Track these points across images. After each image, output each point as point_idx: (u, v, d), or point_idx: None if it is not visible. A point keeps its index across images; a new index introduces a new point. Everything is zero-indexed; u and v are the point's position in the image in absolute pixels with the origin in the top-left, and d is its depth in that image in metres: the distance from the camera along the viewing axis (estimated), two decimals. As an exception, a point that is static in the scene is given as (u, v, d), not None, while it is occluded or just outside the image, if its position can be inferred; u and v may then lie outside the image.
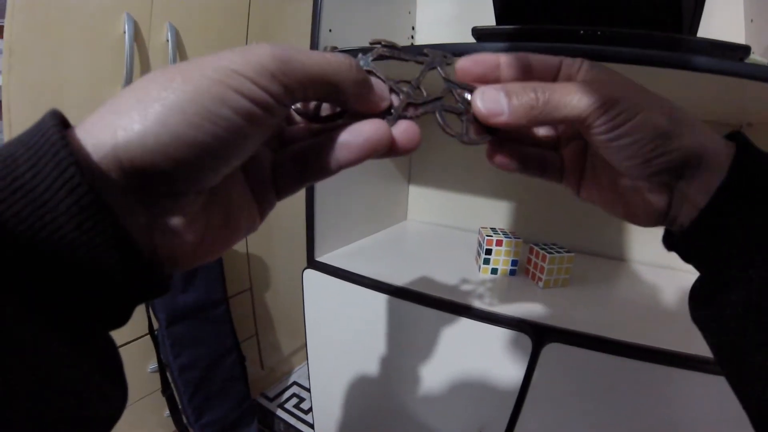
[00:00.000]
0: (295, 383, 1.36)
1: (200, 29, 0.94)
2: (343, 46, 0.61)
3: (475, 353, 0.56)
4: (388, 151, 0.21)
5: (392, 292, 0.60)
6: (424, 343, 0.59)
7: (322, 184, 0.68)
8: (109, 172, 0.15)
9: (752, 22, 0.63)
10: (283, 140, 0.23)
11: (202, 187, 0.17)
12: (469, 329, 0.55)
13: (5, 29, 0.67)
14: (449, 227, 0.96)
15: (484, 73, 0.23)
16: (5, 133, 0.72)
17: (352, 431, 0.74)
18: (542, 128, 0.27)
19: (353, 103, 0.20)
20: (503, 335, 0.53)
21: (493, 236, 0.66)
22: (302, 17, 0.69)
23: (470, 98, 0.22)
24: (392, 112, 0.22)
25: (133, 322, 0.18)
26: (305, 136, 0.23)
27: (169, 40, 0.86)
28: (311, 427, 0.82)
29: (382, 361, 0.64)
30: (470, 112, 0.23)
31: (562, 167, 0.27)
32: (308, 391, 0.84)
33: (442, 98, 0.23)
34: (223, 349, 1.01)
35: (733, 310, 0.20)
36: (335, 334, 0.69)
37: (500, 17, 0.54)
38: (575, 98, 0.21)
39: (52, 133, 0.14)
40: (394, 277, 0.63)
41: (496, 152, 0.25)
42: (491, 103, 0.21)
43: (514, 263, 0.67)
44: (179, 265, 0.18)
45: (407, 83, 0.23)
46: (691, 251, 0.23)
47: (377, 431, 0.70)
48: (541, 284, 0.63)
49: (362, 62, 0.22)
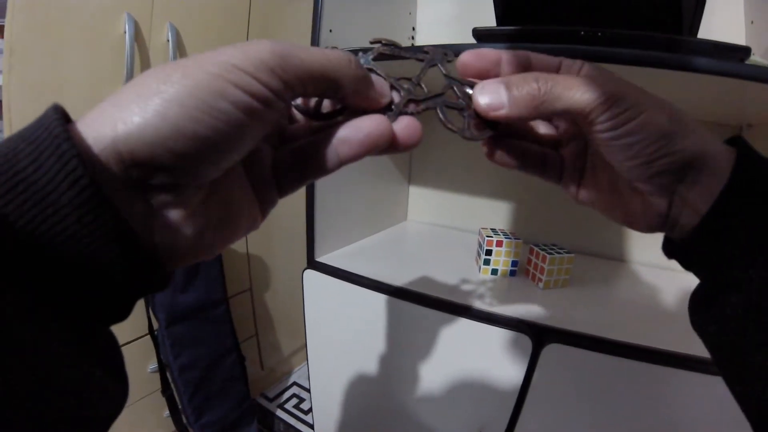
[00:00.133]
0: (294, 383, 1.36)
1: (201, 29, 0.94)
2: (343, 46, 0.61)
3: (475, 354, 0.56)
4: (389, 146, 0.21)
5: (392, 292, 0.60)
6: (424, 343, 0.59)
7: (322, 184, 0.68)
8: (109, 164, 0.15)
9: (752, 23, 0.63)
10: (284, 138, 0.23)
11: (201, 180, 0.17)
12: (469, 330, 0.55)
13: (5, 29, 0.67)
14: (449, 228, 0.96)
15: (485, 68, 0.23)
16: (5, 132, 0.72)
17: (351, 431, 0.74)
18: (543, 126, 0.27)
19: (353, 99, 0.20)
20: (503, 336, 0.53)
21: (493, 237, 0.66)
22: (302, 17, 0.69)
23: (471, 93, 0.22)
24: (393, 108, 0.22)
25: (132, 322, 0.18)
26: (306, 133, 0.23)
27: (169, 40, 0.86)
28: (311, 427, 0.82)
29: (382, 361, 0.64)
30: (471, 107, 0.23)
31: (561, 167, 0.27)
32: (308, 391, 0.84)
33: (443, 94, 0.23)
34: (223, 349, 1.01)
35: (733, 310, 0.20)
36: (335, 334, 0.69)
37: (501, 18, 0.54)
38: (579, 91, 0.21)
39: (54, 126, 0.14)
40: (394, 277, 0.63)
41: (495, 149, 0.25)
42: (492, 96, 0.21)
43: (514, 264, 0.67)
44: (179, 259, 0.18)
45: (408, 80, 0.23)
46: (693, 257, 0.23)
47: (377, 431, 0.70)
48: (541, 285, 0.63)
49: (363, 60, 0.22)
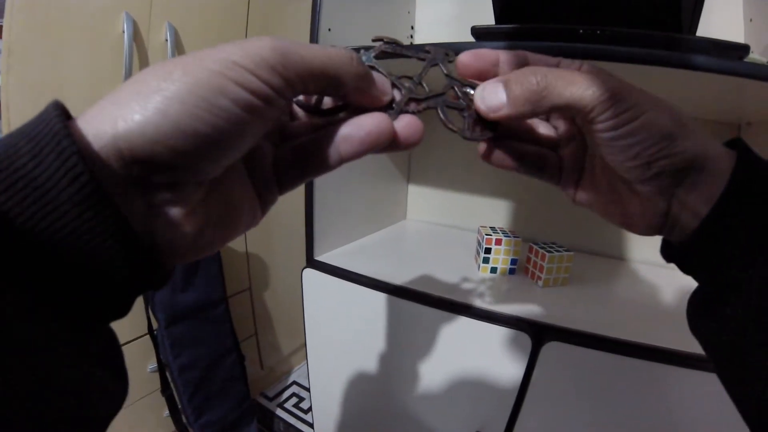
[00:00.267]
0: (294, 383, 1.36)
1: (199, 29, 0.94)
2: (342, 45, 0.61)
3: (474, 352, 0.56)
4: (390, 145, 0.21)
5: (392, 291, 0.60)
6: (423, 342, 0.59)
7: (321, 182, 0.68)
8: (109, 161, 0.15)
9: (751, 21, 0.63)
10: (285, 135, 0.23)
11: (201, 177, 0.17)
12: (468, 328, 0.55)
13: (4, 29, 0.67)
14: (448, 226, 0.96)
15: (483, 68, 0.23)
16: (4, 133, 0.72)
17: (351, 431, 0.74)
18: (542, 127, 0.27)
19: (354, 96, 0.20)
20: (503, 334, 0.53)
21: (492, 235, 0.66)
22: (302, 17, 0.69)
23: (472, 94, 0.22)
24: (394, 106, 0.22)
25: (132, 321, 0.18)
26: (307, 131, 0.23)
27: (168, 39, 0.86)
28: (311, 426, 0.82)
29: (381, 360, 0.64)
30: (472, 108, 0.23)
31: (560, 168, 0.27)
32: (308, 390, 0.84)
33: (444, 94, 0.23)
34: (222, 348, 1.01)
35: (733, 310, 0.20)
36: (335, 333, 0.69)
37: (499, 17, 0.54)
38: (582, 87, 0.20)
39: (54, 123, 0.14)
40: (393, 276, 0.63)
41: (492, 151, 0.25)
42: (492, 97, 0.21)
43: (513, 262, 0.67)
44: (179, 256, 0.18)
45: (409, 79, 0.23)
46: (693, 259, 0.23)
47: (377, 430, 0.70)
48: (540, 283, 0.63)
49: (364, 58, 0.22)
